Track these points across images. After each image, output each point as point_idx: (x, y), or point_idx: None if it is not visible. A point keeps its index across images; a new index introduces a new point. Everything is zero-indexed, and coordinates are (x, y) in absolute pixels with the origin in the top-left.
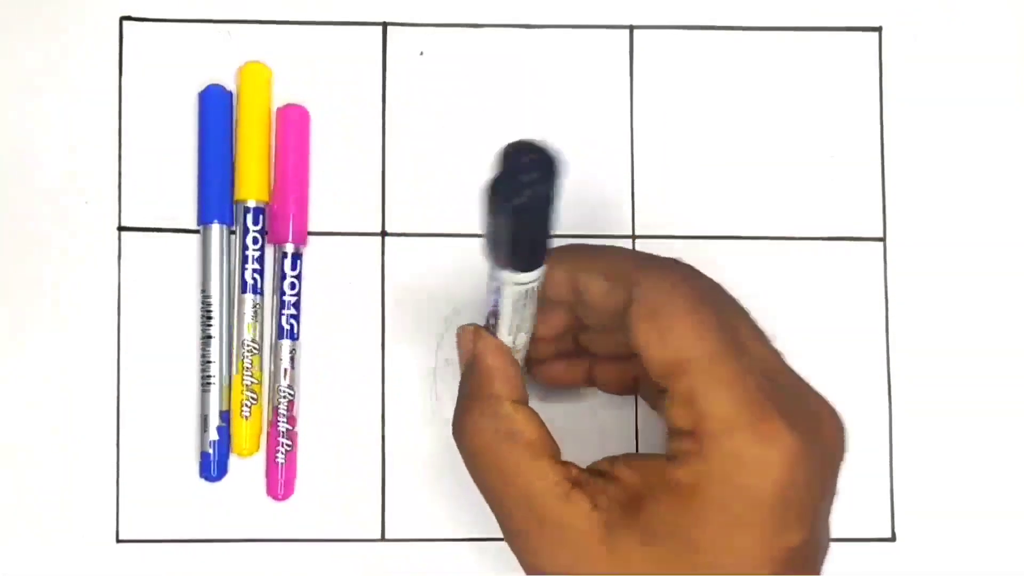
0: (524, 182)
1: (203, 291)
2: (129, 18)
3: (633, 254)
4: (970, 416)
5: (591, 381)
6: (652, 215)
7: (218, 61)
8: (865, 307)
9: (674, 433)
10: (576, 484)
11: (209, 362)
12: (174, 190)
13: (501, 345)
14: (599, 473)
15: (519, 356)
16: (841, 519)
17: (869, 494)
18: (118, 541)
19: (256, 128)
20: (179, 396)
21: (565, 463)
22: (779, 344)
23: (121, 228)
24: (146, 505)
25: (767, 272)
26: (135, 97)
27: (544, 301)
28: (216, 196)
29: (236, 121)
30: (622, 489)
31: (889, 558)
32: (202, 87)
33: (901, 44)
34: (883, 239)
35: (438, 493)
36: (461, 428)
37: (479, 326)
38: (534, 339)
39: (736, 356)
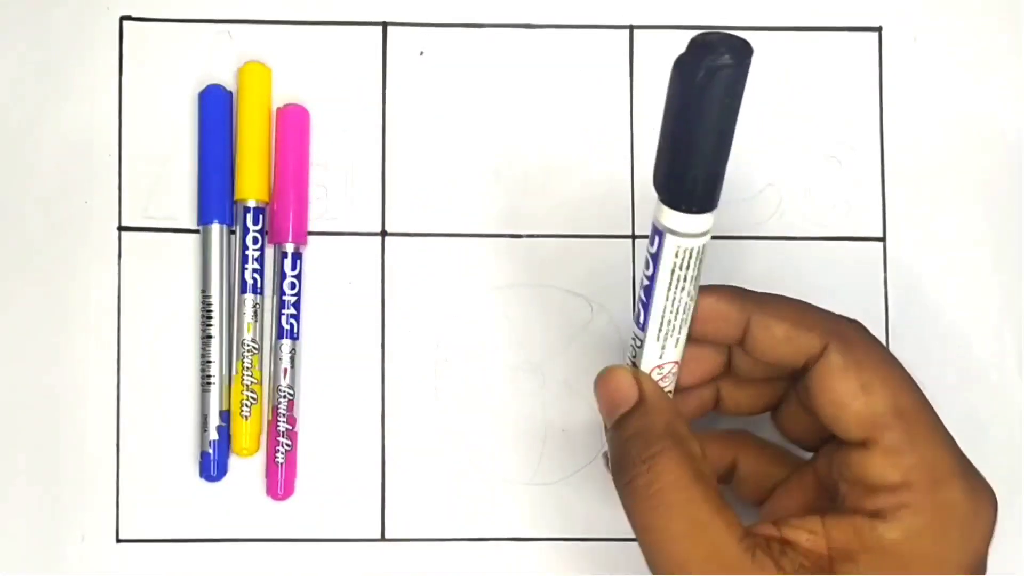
0: (716, 57)
1: (203, 291)
2: (129, 18)
3: (813, 307)
4: (970, 416)
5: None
6: (651, 215)
7: (218, 61)
8: (865, 307)
9: (872, 490)
10: (758, 544)
11: (209, 362)
12: (174, 190)
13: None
14: (768, 537)
15: (669, 377)
16: None
17: None
18: (118, 541)
19: (256, 128)
20: (179, 396)
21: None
22: None
23: (121, 228)
24: (146, 505)
25: (767, 272)
26: (135, 97)
27: (698, 334)
28: (216, 196)
29: (236, 121)
30: (801, 555)
31: None
32: (202, 87)
33: (901, 44)
34: (883, 239)
35: (438, 493)
36: (642, 468)
37: (631, 367)
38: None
39: (934, 412)
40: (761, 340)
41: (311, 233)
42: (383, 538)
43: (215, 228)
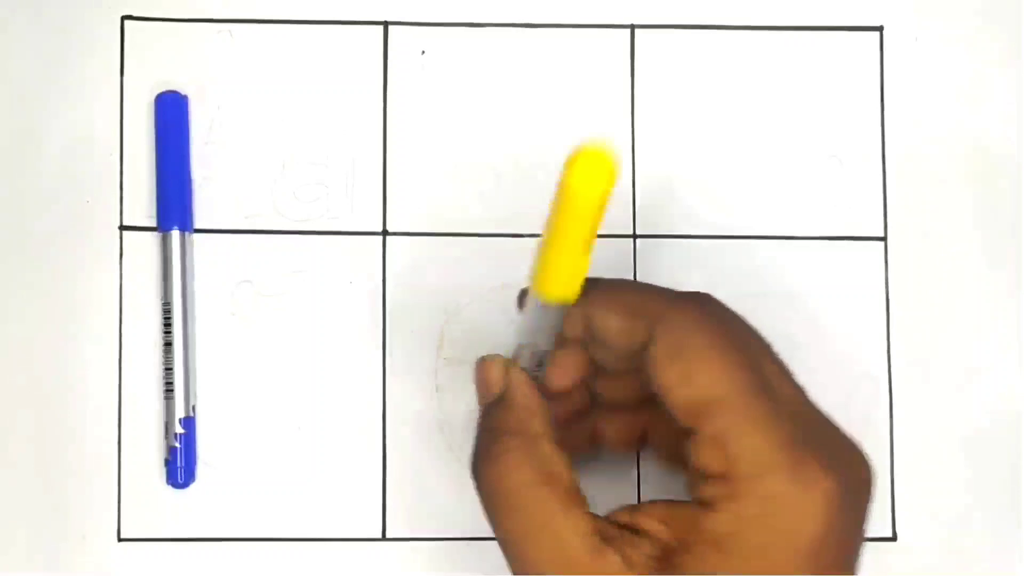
0: None
1: (164, 300)
2: (130, 17)
3: (653, 289)
4: (970, 416)
5: (596, 439)
6: (652, 215)
7: (218, 61)
8: (865, 307)
9: (703, 478)
10: (606, 539)
11: (169, 369)
12: None
13: (532, 381)
14: (623, 526)
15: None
16: None
17: None
18: (119, 540)
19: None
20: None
21: (594, 515)
22: (779, 343)
23: (122, 227)
24: (146, 504)
25: (767, 272)
26: (135, 97)
27: (562, 339)
28: (175, 202)
29: (556, 208)
30: (651, 543)
31: (889, 558)
32: (201, 87)
33: (902, 44)
34: (884, 239)
35: (438, 493)
36: (491, 466)
37: (507, 358)
38: (549, 396)
39: (765, 395)
40: (602, 331)
41: (311, 233)
42: (383, 538)
43: (175, 235)
